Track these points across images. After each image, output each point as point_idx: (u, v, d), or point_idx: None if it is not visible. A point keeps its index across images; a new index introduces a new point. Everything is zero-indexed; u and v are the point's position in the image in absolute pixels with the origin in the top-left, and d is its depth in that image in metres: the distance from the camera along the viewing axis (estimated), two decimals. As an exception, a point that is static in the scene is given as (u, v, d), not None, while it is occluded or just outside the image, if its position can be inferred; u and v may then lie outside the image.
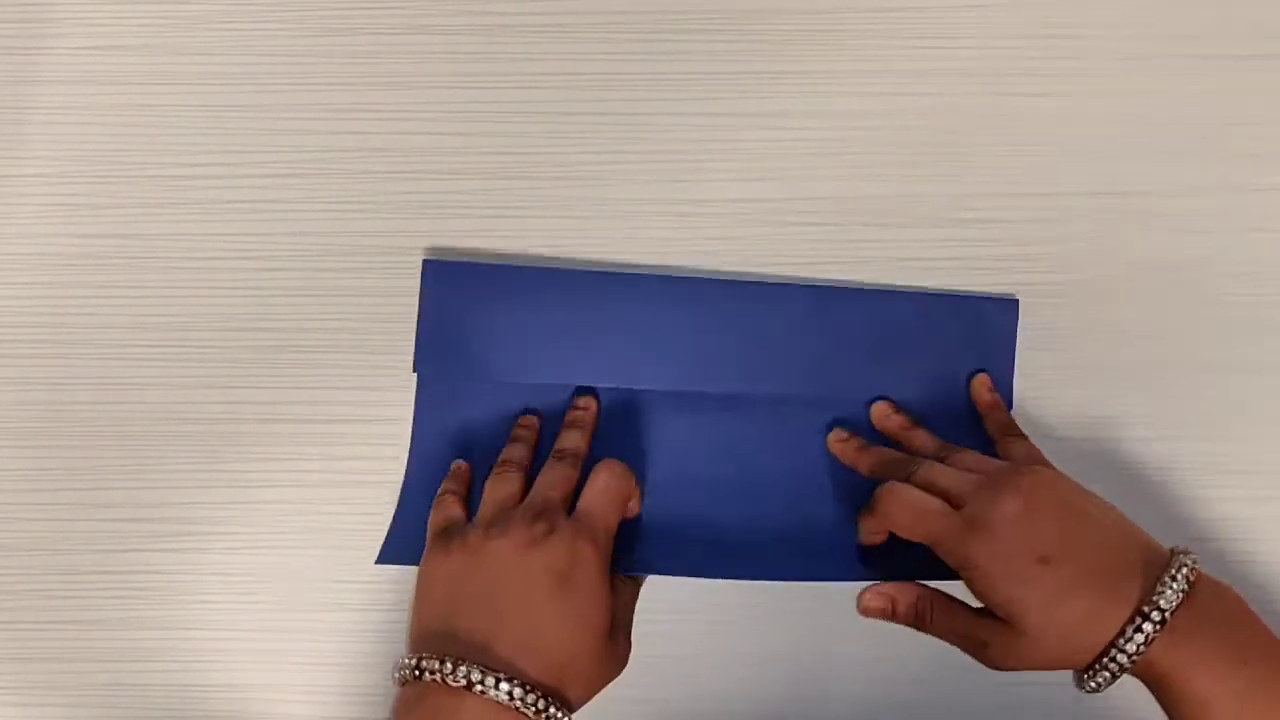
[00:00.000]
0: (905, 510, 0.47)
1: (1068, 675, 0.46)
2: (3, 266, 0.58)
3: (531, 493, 0.50)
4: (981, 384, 0.55)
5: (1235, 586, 0.50)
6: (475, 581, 0.46)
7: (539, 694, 0.43)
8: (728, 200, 0.57)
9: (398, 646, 0.55)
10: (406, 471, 0.55)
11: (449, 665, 0.43)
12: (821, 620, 0.55)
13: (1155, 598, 0.42)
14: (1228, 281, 0.56)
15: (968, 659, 0.47)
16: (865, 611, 0.49)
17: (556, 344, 0.55)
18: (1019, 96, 0.58)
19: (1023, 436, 0.53)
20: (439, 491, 0.52)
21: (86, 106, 0.59)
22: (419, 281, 0.56)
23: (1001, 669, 0.46)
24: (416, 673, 0.44)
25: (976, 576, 0.45)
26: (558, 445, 0.52)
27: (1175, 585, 0.43)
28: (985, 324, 0.55)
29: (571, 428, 0.53)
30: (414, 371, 0.55)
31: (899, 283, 0.56)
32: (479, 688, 0.43)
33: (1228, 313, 0.56)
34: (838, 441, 0.54)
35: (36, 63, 0.59)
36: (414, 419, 0.55)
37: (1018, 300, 0.55)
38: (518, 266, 0.56)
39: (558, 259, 0.57)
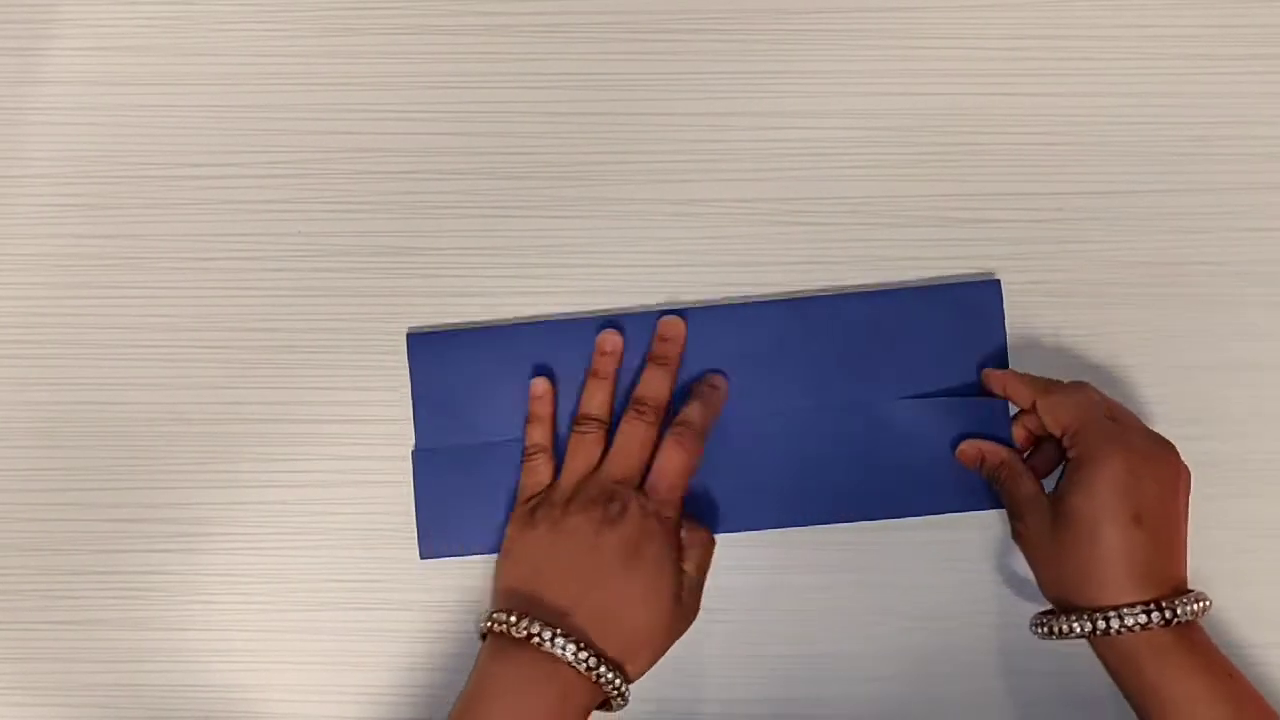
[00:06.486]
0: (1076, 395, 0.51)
1: (1062, 677, 0.47)
2: (3, 266, 0.58)
3: (608, 462, 0.52)
4: (988, 377, 0.55)
5: (1234, 586, 0.51)
6: (557, 555, 0.49)
7: (592, 653, 0.47)
8: (728, 200, 0.57)
9: (399, 646, 0.55)
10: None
11: (514, 618, 0.47)
12: (824, 621, 0.55)
13: (1174, 602, 0.46)
14: (1227, 282, 0.56)
15: (967, 661, 0.51)
16: (960, 455, 0.53)
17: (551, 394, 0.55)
18: (1019, 96, 0.58)
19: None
20: (528, 443, 0.54)
21: (86, 106, 0.59)
22: (418, 282, 0.57)
23: (1018, 545, 0.51)
24: (490, 624, 0.48)
25: (1080, 476, 0.48)
26: (638, 392, 0.53)
27: (1191, 607, 0.46)
28: (971, 307, 0.55)
29: (656, 366, 0.54)
30: (415, 448, 0.55)
31: (898, 283, 0.56)
32: (537, 639, 0.46)
33: (1227, 313, 0.56)
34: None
35: (37, 63, 0.59)
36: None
37: (999, 280, 0.56)
38: (498, 326, 0.56)
39: (558, 260, 0.57)
